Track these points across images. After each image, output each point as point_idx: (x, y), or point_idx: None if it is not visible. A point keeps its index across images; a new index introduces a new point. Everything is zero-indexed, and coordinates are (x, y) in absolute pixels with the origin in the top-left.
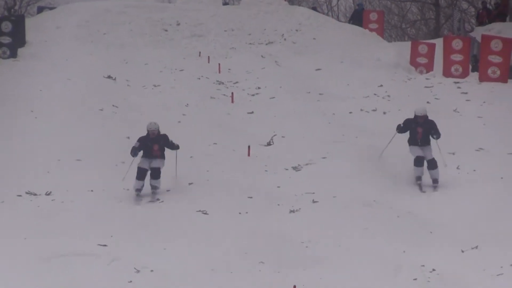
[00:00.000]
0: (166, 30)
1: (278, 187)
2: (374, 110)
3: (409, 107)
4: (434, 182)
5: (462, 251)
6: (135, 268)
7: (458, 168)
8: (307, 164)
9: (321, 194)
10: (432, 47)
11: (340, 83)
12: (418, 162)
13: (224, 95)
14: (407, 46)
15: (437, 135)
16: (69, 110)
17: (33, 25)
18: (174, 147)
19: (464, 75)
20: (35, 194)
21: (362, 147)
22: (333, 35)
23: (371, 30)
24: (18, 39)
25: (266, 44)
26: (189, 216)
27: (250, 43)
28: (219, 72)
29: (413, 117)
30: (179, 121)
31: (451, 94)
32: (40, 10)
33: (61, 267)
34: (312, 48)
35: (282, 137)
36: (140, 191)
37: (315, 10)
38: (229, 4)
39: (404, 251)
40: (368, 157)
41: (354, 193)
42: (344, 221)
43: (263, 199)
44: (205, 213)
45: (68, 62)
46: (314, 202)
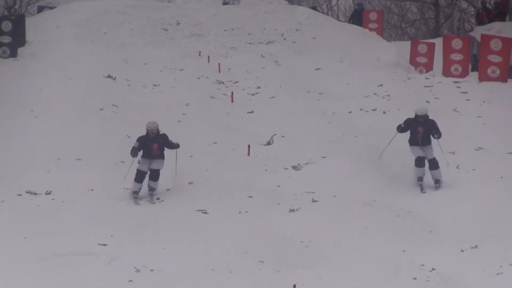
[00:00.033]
0: (166, 30)
1: (278, 187)
2: (374, 110)
3: (409, 107)
4: (436, 183)
5: (462, 251)
6: (135, 268)
7: (458, 168)
8: (307, 164)
9: (321, 194)
10: (432, 47)
11: (340, 83)
12: (419, 163)
13: (224, 95)
14: (407, 46)
15: (438, 135)
16: (69, 110)
17: (33, 25)
18: (174, 146)
19: (464, 75)
20: (35, 194)
21: (362, 147)
22: (333, 35)
23: (371, 30)
24: (18, 39)
25: (266, 44)
26: (189, 216)
27: (250, 43)
28: (219, 72)
29: (414, 117)
30: (179, 121)
31: (451, 94)
32: (40, 10)
33: (61, 267)
34: (312, 48)
35: (282, 137)
36: (138, 193)
37: (315, 10)
38: (229, 4)
39: (404, 251)
40: (368, 157)
41: (354, 193)
42: (344, 221)
43: (263, 199)
44: (205, 213)
45: (68, 62)
46: (314, 202)
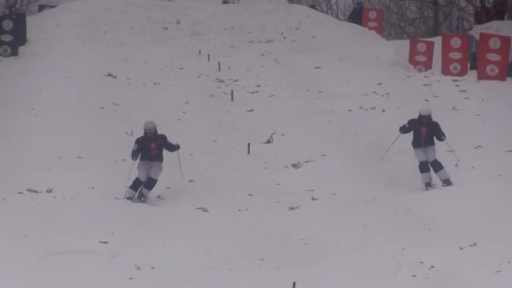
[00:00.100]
0: (166, 29)
1: (278, 185)
2: (373, 108)
3: (408, 105)
4: (446, 183)
5: (461, 248)
6: (136, 265)
7: (457, 166)
8: (307, 162)
9: (321, 192)
10: (431, 45)
11: (340, 81)
12: (423, 168)
13: (224, 93)
14: (406, 44)
15: (444, 137)
16: (70, 108)
17: (34, 23)
18: (174, 148)
19: (463, 73)
20: (36, 192)
21: (361, 145)
22: (333, 34)
23: (370, 29)
24: (19, 37)
25: (266, 42)
26: (189, 214)
27: (250, 41)
28: (219, 70)
29: (417, 117)
30: (179, 119)
31: (450, 92)
32: (41, 9)
33: (62, 264)
34: (312, 46)
35: (282, 135)
36: (131, 200)
37: (314, 9)
38: (229, 3)
39: (403, 248)
40: (367, 155)
41: (354, 191)
42: (344, 219)
43: (263, 197)
44: (205, 211)
45: (69, 60)
46: (314, 200)
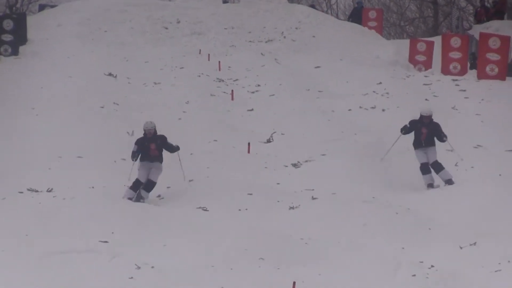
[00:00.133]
0: (167, 28)
1: (278, 184)
2: (373, 108)
3: (408, 105)
4: (448, 183)
5: (461, 248)
6: (136, 265)
7: (456, 165)
8: (307, 161)
9: (321, 191)
10: (431, 45)
11: (340, 81)
12: (424, 170)
13: (224, 93)
14: (406, 44)
15: (445, 138)
16: (70, 108)
17: (35, 23)
18: (174, 149)
19: (463, 73)
20: (37, 191)
21: (361, 144)
22: (333, 33)
23: (370, 28)
24: (20, 37)
25: (266, 42)
26: (189, 213)
27: (250, 41)
28: (219, 70)
29: (419, 118)
30: (180, 118)
31: (450, 92)
32: (42, 8)
33: (62, 264)
34: (312, 46)
35: (282, 135)
36: (132, 200)
37: (314, 8)
38: (229, 2)
39: (403, 248)
40: (367, 154)
41: (353, 190)
42: (343, 218)
43: (263, 196)
44: (205, 210)
45: (69, 60)
46: (314, 199)
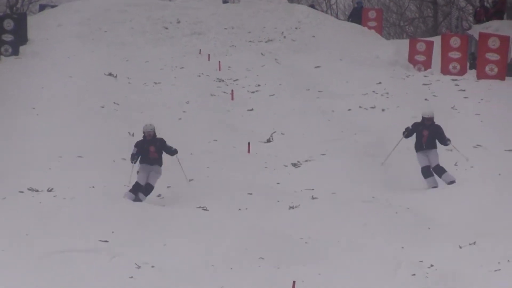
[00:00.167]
0: (167, 28)
1: (278, 184)
2: (373, 108)
3: (408, 104)
4: (451, 184)
5: (460, 247)
6: (136, 264)
7: (456, 165)
8: (307, 161)
9: (320, 191)
10: (430, 45)
11: (339, 81)
12: (426, 173)
13: (224, 93)
14: (406, 44)
15: (449, 141)
16: (70, 108)
17: (35, 23)
18: (172, 152)
19: (462, 73)
20: (37, 191)
21: (361, 144)
22: (332, 33)
23: (370, 28)
24: (20, 37)
25: (266, 42)
26: (189, 213)
27: (250, 41)
28: (219, 70)
29: (420, 121)
30: (180, 118)
31: (449, 92)
32: (42, 8)
33: (62, 263)
34: (312, 46)
35: (282, 134)
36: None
37: (313, 8)
38: (229, 2)
39: (403, 248)
40: (367, 154)
41: (353, 190)
42: (343, 218)
43: (263, 196)
44: (205, 210)
45: (70, 60)
46: (314, 199)
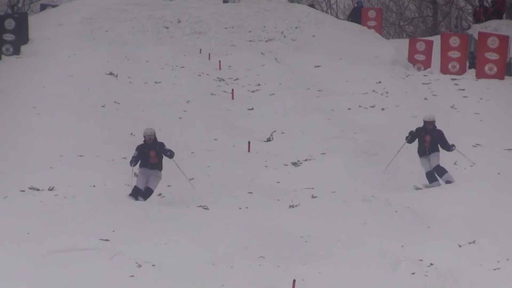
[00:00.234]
0: (167, 28)
1: (278, 183)
2: (373, 107)
3: (407, 104)
4: (449, 183)
5: (460, 246)
6: (137, 263)
7: (455, 164)
8: (307, 160)
9: (320, 190)
10: (430, 44)
11: (339, 80)
12: (431, 178)
13: (225, 92)
14: (405, 43)
15: (453, 147)
16: (71, 107)
17: (36, 23)
18: (168, 155)
19: (461, 72)
20: (38, 190)
21: (361, 143)
22: (332, 33)
23: (370, 28)
24: (21, 37)
25: (266, 41)
26: (190, 211)
27: (250, 40)
28: (220, 69)
29: (422, 125)
30: (180, 118)
31: (449, 91)
32: (43, 8)
33: (63, 262)
34: (312, 45)
35: (282, 133)
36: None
37: (313, 7)
38: (229, 2)
39: (403, 246)
40: (367, 153)
41: (353, 189)
42: (343, 216)
43: (263, 195)
44: (206, 208)
45: (70, 59)
46: (314, 197)
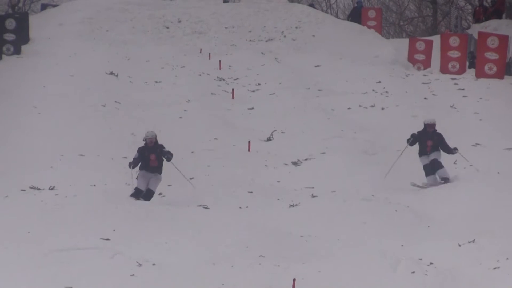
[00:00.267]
0: (168, 27)
1: (278, 182)
2: (373, 106)
3: (407, 103)
4: (443, 180)
5: (459, 245)
6: (137, 262)
7: (455, 163)
8: (307, 159)
9: (320, 189)
10: (430, 44)
11: (339, 80)
12: (428, 170)
13: (225, 91)
14: (405, 43)
15: (456, 150)
16: (72, 106)
17: (37, 22)
18: (166, 157)
19: (461, 72)
20: (39, 189)
21: (361, 143)
22: (332, 32)
23: (370, 27)
24: (22, 36)
25: (266, 41)
26: (190, 211)
27: (250, 40)
28: (220, 69)
29: (423, 128)
30: (180, 117)
31: (448, 90)
32: (44, 8)
33: (64, 261)
34: (312, 45)
35: (282, 133)
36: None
37: (312, 7)
38: (230, 2)
39: (402, 245)
40: (367, 153)
41: (353, 188)
42: (343, 216)
43: (263, 194)
44: (206, 208)
45: (71, 59)
46: (314, 197)
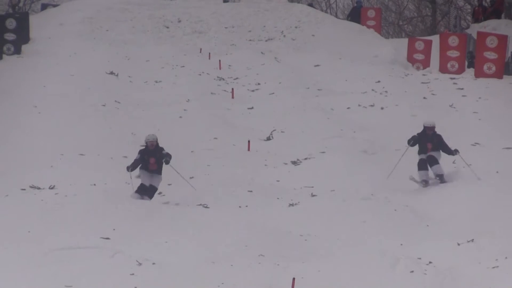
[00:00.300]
0: (168, 27)
1: (278, 181)
2: (372, 106)
3: (406, 103)
4: (438, 177)
5: (458, 244)
6: (137, 261)
7: (454, 163)
8: (306, 159)
9: (320, 188)
10: (429, 44)
11: (339, 79)
12: (421, 166)
13: (225, 91)
14: (404, 43)
15: (456, 152)
16: (72, 106)
17: (37, 22)
18: (164, 160)
19: (460, 71)
20: (39, 188)
21: (360, 142)
22: (332, 32)
23: (369, 27)
24: (22, 36)
25: (266, 41)
26: (190, 210)
27: (250, 40)
28: (220, 68)
29: (422, 130)
30: (180, 117)
31: (447, 90)
32: (44, 7)
33: (64, 260)
34: (311, 45)
35: (282, 132)
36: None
37: (312, 7)
38: (229, 1)
39: (402, 244)
40: (366, 152)
41: (352, 187)
42: (342, 215)
43: (263, 193)
44: (206, 207)
45: (71, 59)
46: (313, 196)
